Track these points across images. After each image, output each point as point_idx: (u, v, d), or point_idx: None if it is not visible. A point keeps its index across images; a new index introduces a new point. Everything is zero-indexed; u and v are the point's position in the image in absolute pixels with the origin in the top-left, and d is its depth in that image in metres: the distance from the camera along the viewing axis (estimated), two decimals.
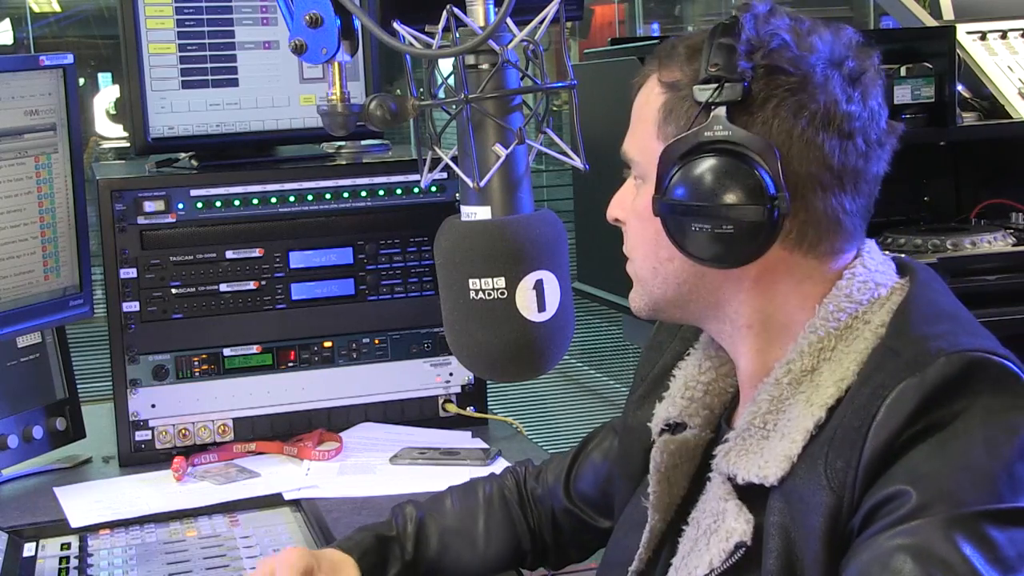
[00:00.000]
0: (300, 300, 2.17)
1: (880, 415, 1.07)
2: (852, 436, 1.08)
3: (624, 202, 1.29)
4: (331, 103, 1.19)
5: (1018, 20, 2.61)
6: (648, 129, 1.23)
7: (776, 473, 1.13)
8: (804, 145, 1.17)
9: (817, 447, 1.12)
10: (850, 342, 1.17)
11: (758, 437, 1.18)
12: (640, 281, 1.27)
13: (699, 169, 1.16)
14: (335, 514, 1.83)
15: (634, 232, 1.27)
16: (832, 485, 1.08)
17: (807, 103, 1.17)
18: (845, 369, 1.14)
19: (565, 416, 4.99)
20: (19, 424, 2.06)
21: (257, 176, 2.16)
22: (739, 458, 1.18)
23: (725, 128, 1.16)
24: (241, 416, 2.16)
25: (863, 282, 1.20)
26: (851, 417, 1.10)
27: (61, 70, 2.01)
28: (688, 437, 1.30)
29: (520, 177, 1.16)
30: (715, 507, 1.19)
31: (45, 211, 2.01)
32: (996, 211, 2.50)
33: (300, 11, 1.17)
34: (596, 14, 6.45)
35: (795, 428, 1.14)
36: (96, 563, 1.71)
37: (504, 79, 1.14)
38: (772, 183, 1.15)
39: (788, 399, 1.17)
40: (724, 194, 1.15)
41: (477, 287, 1.13)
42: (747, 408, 1.21)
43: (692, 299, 1.24)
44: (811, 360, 1.17)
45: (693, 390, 1.32)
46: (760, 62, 1.17)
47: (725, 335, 1.26)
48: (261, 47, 2.20)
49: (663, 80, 1.22)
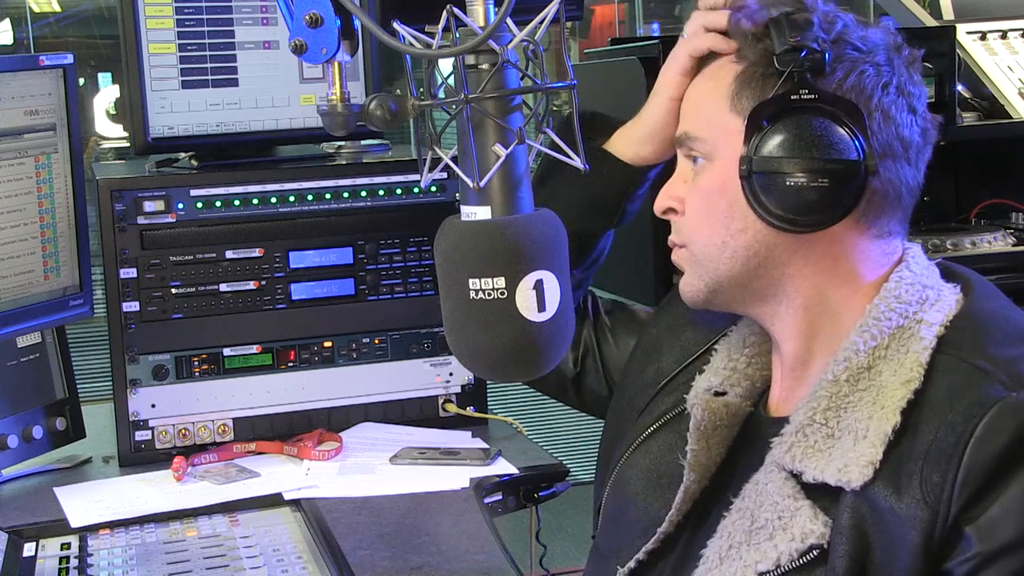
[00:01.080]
0: (300, 300, 2.17)
1: (979, 431, 1.09)
2: (948, 451, 1.10)
3: (677, 190, 1.32)
4: (331, 103, 1.19)
5: (1018, 20, 2.61)
6: (717, 104, 1.27)
7: (859, 478, 1.14)
8: (882, 114, 1.22)
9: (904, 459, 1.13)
10: (904, 340, 1.20)
11: (823, 435, 1.19)
12: (702, 262, 1.29)
13: (792, 126, 1.19)
14: (335, 514, 1.83)
15: (697, 212, 1.29)
16: (928, 500, 1.10)
17: (882, 74, 1.23)
18: (909, 371, 1.17)
19: (565, 416, 4.99)
20: (19, 424, 2.06)
21: (257, 176, 2.16)
22: (805, 456, 1.19)
23: (812, 91, 1.20)
24: (241, 416, 2.16)
25: (911, 284, 1.23)
26: (944, 432, 1.11)
27: (61, 70, 2.01)
28: (731, 401, 1.32)
29: (520, 177, 1.16)
30: (779, 503, 1.19)
31: (45, 211, 2.01)
32: (996, 211, 2.50)
33: (300, 11, 1.17)
34: (596, 14, 6.45)
35: (871, 431, 1.15)
36: (96, 563, 1.71)
37: (504, 79, 1.14)
38: (863, 140, 1.19)
39: (848, 396, 1.19)
40: (819, 149, 1.19)
41: (477, 287, 1.13)
42: (804, 403, 1.22)
43: (757, 275, 1.26)
44: (867, 358, 1.20)
45: (736, 361, 1.36)
46: (836, 36, 1.23)
47: (777, 317, 1.29)
48: (261, 47, 2.20)
49: (736, 56, 1.27)
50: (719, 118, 1.27)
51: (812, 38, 1.22)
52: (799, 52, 1.20)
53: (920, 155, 1.27)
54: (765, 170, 1.20)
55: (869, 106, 1.22)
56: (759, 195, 1.21)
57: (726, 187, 1.25)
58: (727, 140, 1.25)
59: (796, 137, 1.19)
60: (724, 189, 1.25)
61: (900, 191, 1.24)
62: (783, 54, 1.21)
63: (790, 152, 1.19)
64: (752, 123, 1.22)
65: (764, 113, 1.21)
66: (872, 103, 1.22)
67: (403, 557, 1.68)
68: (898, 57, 1.26)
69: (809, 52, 1.20)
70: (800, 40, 1.21)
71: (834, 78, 1.22)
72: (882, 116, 1.23)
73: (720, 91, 1.27)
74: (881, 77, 1.23)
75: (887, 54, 1.25)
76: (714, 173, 1.27)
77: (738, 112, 1.25)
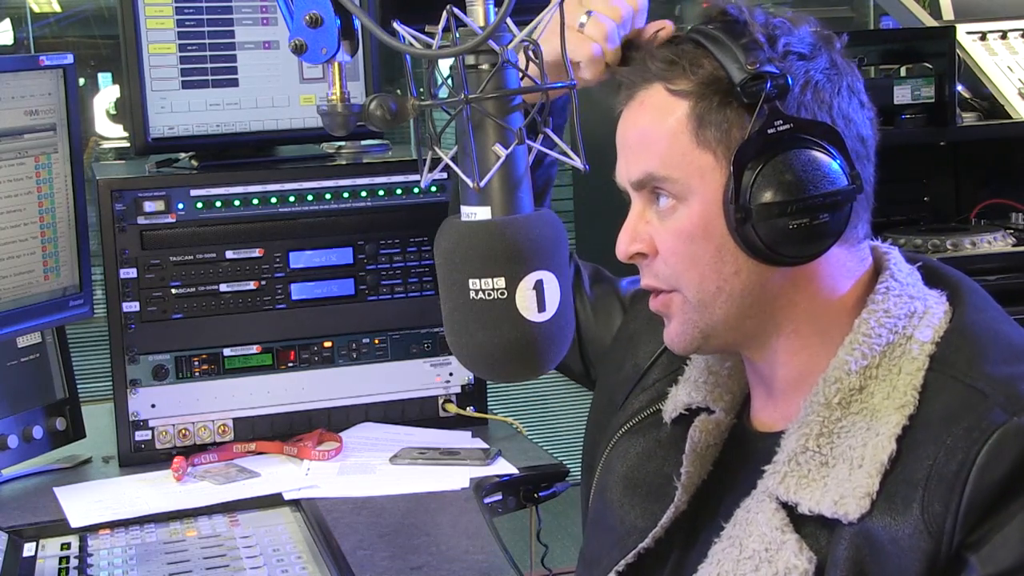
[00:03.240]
0: (300, 300, 2.17)
1: (981, 459, 1.08)
2: (950, 479, 1.08)
3: (642, 231, 1.25)
4: (331, 103, 1.19)
5: (1018, 20, 2.62)
6: (679, 142, 1.20)
7: (857, 511, 1.12)
8: (844, 120, 1.20)
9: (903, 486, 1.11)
10: (895, 359, 1.17)
11: (816, 463, 1.16)
12: (697, 308, 1.23)
13: (782, 166, 1.15)
14: (335, 514, 1.83)
15: (679, 257, 1.22)
16: (930, 529, 1.08)
17: (834, 79, 1.20)
18: (903, 395, 1.14)
19: (565, 416, 4.99)
20: (19, 424, 2.06)
21: (257, 176, 2.16)
22: (800, 487, 1.16)
23: (785, 121, 1.16)
24: (241, 416, 2.16)
25: (898, 296, 1.21)
26: (944, 459, 1.09)
27: (61, 70, 2.01)
28: (720, 419, 1.30)
29: (520, 177, 1.16)
30: (766, 535, 1.17)
31: (45, 211, 2.01)
32: (996, 211, 2.50)
33: (300, 11, 1.17)
34: None
35: (867, 460, 1.13)
36: (96, 563, 1.71)
37: (504, 79, 1.14)
38: (847, 161, 1.17)
39: (841, 421, 1.17)
40: (814, 185, 1.15)
41: (477, 287, 1.13)
42: (795, 429, 1.20)
43: (751, 314, 1.22)
44: (858, 379, 1.17)
45: (717, 374, 1.33)
46: (782, 50, 1.19)
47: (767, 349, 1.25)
48: (261, 47, 2.20)
49: (675, 90, 1.20)
50: (687, 156, 1.20)
51: (765, 59, 1.16)
52: (762, 81, 1.15)
53: (873, 147, 1.24)
54: (764, 216, 1.15)
55: (832, 116, 1.19)
56: (758, 240, 1.17)
57: (710, 229, 1.20)
58: (702, 179, 1.19)
59: (790, 178, 1.15)
60: (708, 232, 1.20)
61: (868, 192, 1.22)
62: (746, 85, 1.16)
63: (787, 195, 1.14)
64: (737, 166, 1.16)
65: (747, 154, 1.16)
66: (834, 112, 1.19)
67: (403, 557, 1.68)
68: (833, 52, 1.22)
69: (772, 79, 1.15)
70: (757, 68, 1.15)
71: (793, 96, 1.17)
72: (844, 123, 1.20)
73: (677, 127, 1.20)
74: (832, 82, 1.20)
75: (826, 53, 1.21)
76: (691, 215, 1.20)
77: (706, 147, 1.19)
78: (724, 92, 1.18)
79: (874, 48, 2.59)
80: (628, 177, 1.26)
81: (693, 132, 1.19)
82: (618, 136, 1.28)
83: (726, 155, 1.18)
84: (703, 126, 1.19)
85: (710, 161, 1.19)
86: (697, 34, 1.21)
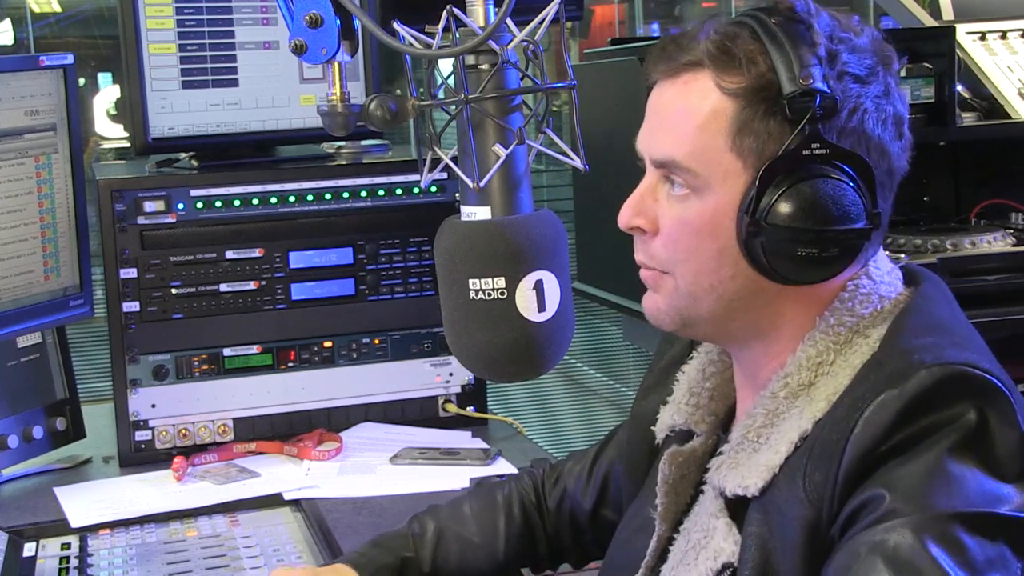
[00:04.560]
0: (300, 300, 2.17)
1: (858, 428, 1.06)
2: (830, 449, 1.07)
3: (648, 207, 1.22)
4: (331, 103, 1.19)
5: (1018, 20, 2.61)
6: (714, 139, 1.16)
7: (757, 484, 1.12)
8: (879, 153, 1.17)
9: (797, 458, 1.11)
10: (848, 356, 1.16)
11: (750, 451, 1.17)
12: (684, 297, 1.21)
13: (808, 191, 1.12)
14: (335, 514, 1.83)
15: (680, 246, 1.20)
16: (811, 498, 1.08)
17: (883, 108, 1.17)
18: (839, 383, 1.13)
19: (565, 416, 4.99)
20: (19, 424, 2.06)
21: (257, 176, 2.16)
22: (729, 471, 1.17)
23: (823, 146, 1.13)
24: (241, 416, 2.16)
25: (866, 294, 1.19)
26: (830, 429, 1.09)
27: (61, 70, 2.01)
28: (696, 447, 1.29)
29: (520, 177, 1.16)
30: (706, 523, 1.18)
31: (45, 211, 2.01)
32: (996, 211, 2.49)
33: (300, 11, 1.17)
34: (596, 14, 6.45)
35: (782, 440, 1.13)
36: (96, 563, 1.71)
37: (504, 79, 1.14)
38: (870, 199, 1.15)
39: (783, 413, 1.16)
40: (834, 219, 1.13)
41: (477, 287, 1.13)
42: (743, 421, 1.20)
43: (738, 316, 1.20)
44: (808, 374, 1.16)
45: (699, 396, 1.31)
46: (839, 69, 1.15)
47: (749, 349, 1.24)
48: (261, 47, 2.20)
49: (725, 86, 1.16)
50: (717, 155, 1.16)
51: (820, 76, 1.13)
52: (811, 98, 1.12)
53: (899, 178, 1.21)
54: (775, 236, 1.13)
55: (869, 147, 1.16)
56: (763, 255, 1.15)
57: (718, 230, 1.17)
58: (724, 181, 1.16)
59: (811, 205, 1.12)
60: (715, 232, 1.17)
61: (884, 225, 1.20)
62: (794, 99, 1.12)
63: (804, 221, 1.12)
64: (764, 180, 1.14)
65: (776, 171, 1.13)
66: (871, 143, 1.16)
67: None
68: (890, 74, 1.19)
69: (822, 99, 1.12)
70: (811, 83, 1.12)
71: (839, 120, 1.14)
72: (879, 156, 1.17)
73: (717, 127, 1.16)
74: (879, 111, 1.17)
75: (882, 76, 1.18)
76: (703, 210, 1.17)
77: (738, 154, 1.15)
78: (771, 100, 1.14)
79: None
80: (650, 152, 1.22)
81: (731, 135, 1.16)
82: (651, 105, 1.24)
83: (755, 165, 1.15)
84: (743, 132, 1.15)
85: (737, 166, 1.16)
86: (758, 25, 1.16)
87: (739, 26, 1.17)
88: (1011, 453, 1.05)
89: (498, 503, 1.57)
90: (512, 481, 1.62)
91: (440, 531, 1.53)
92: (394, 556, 1.49)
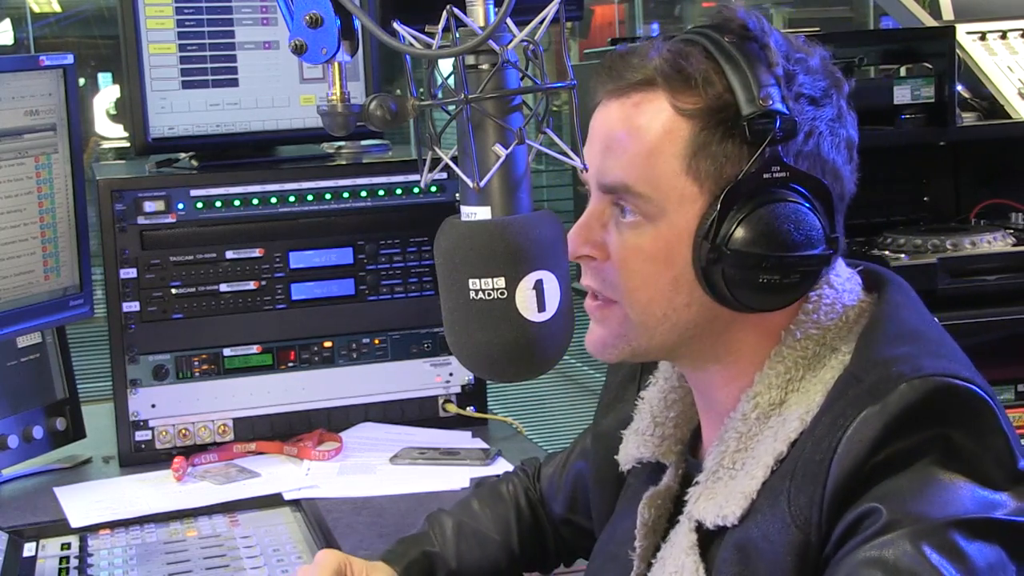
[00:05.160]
0: (300, 300, 2.17)
1: (841, 447, 1.03)
2: (814, 470, 1.05)
3: (596, 235, 1.19)
4: (331, 103, 1.19)
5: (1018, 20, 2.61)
6: (669, 163, 1.13)
7: (735, 512, 1.10)
8: (834, 177, 1.15)
9: (777, 480, 1.08)
10: (817, 371, 1.13)
11: (726, 479, 1.14)
12: (635, 327, 1.17)
13: (768, 217, 1.10)
14: (335, 514, 1.83)
15: (632, 275, 1.16)
16: (797, 522, 1.05)
17: (836, 131, 1.15)
18: (811, 400, 1.11)
19: (565, 416, 4.99)
20: (19, 424, 2.07)
21: (257, 176, 2.16)
22: (707, 502, 1.14)
23: (783, 169, 1.11)
24: (241, 416, 2.16)
25: (830, 305, 1.16)
26: (811, 449, 1.06)
27: (61, 70, 2.01)
28: (670, 483, 1.27)
29: (520, 177, 1.16)
30: (678, 557, 1.16)
31: (45, 211, 2.01)
32: (996, 211, 2.49)
33: (300, 11, 1.17)
34: (596, 14, 6.45)
35: (757, 465, 1.11)
36: (96, 563, 1.71)
37: (504, 79, 1.14)
38: (829, 223, 1.13)
39: (756, 435, 1.13)
40: (797, 243, 1.10)
41: (477, 287, 1.13)
42: (715, 447, 1.17)
43: (692, 343, 1.17)
44: (779, 393, 1.14)
45: (663, 427, 1.28)
46: (796, 90, 1.13)
47: (705, 371, 1.21)
48: (261, 47, 2.20)
49: (681, 107, 1.13)
50: (670, 180, 1.13)
51: (779, 97, 1.10)
52: (771, 119, 1.08)
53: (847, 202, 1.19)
54: (736, 263, 1.10)
55: (824, 170, 1.13)
56: (722, 282, 1.11)
57: (673, 258, 1.13)
58: (679, 207, 1.13)
59: (774, 231, 1.09)
60: (670, 260, 1.13)
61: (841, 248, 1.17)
62: (754, 120, 1.09)
63: (766, 248, 1.09)
64: (724, 205, 1.10)
65: (737, 195, 1.10)
66: (827, 167, 1.14)
67: None
68: (841, 96, 1.16)
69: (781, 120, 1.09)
70: (770, 105, 1.08)
71: (795, 143, 1.11)
72: (833, 179, 1.15)
73: (671, 150, 1.12)
74: (834, 135, 1.14)
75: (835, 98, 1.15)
76: (657, 237, 1.14)
77: (694, 178, 1.12)
78: (729, 122, 1.11)
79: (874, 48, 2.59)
80: (598, 177, 1.18)
81: (687, 158, 1.12)
82: (597, 128, 1.19)
83: (712, 189, 1.12)
84: (699, 155, 1.12)
85: (693, 191, 1.12)
86: (710, 44, 1.13)
87: (690, 44, 1.14)
88: (999, 460, 1.04)
89: (506, 499, 1.59)
90: (512, 477, 1.64)
91: (458, 526, 1.54)
92: (420, 551, 1.49)
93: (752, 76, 1.10)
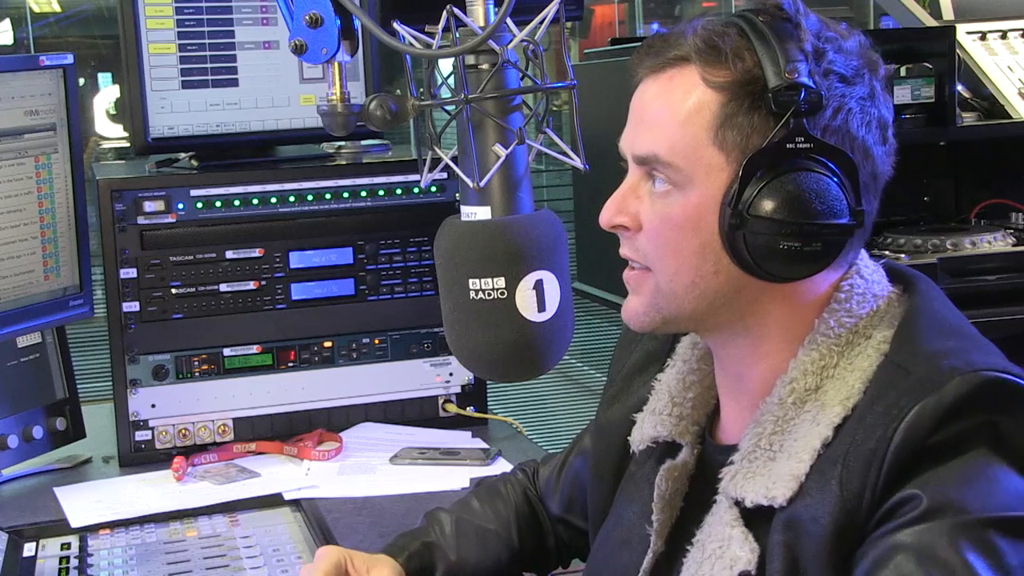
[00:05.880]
0: (300, 300, 2.17)
1: (898, 436, 1.06)
2: (868, 458, 1.07)
3: (631, 205, 1.22)
4: (331, 103, 1.19)
5: (1018, 20, 2.61)
6: (697, 134, 1.16)
7: (784, 494, 1.12)
8: (863, 154, 1.17)
9: (827, 465, 1.11)
10: (852, 359, 1.16)
11: (764, 459, 1.16)
12: (666, 295, 1.20)
13: (791, 184, 1.13)
14: (335, 514, 1.83)
15: (662, 241, 1.19)
16: (848, 506, 1.08)
17: (867, 110, 1.17)
18: (851, 387, 1.14)
19: (565, 416, 4.99)
20: (19, 424, 2.06)
21: (257, 176, 2.16)
22: (746, 481, 1.16)
23: (807, 140, 1.13)
24: (241, 416, 2.16)
25: (861, 294, 1.19)
26: (864, 437, 1.09)
27: (61, 70, 2.01)
28: (688, 459, 1.28)
29: (520, 177, 1.16)
30: (721, 532, 1.17)
31: (45, 211, 2.01)
32: (996, 211, 2.49)
33: (300, 11, 1.17)
34: (596, 14, 6.45)
35: (802, 448, 1.13)
36: (96, 563, 1.71)
37: (504, 79, 1.14)
38: (854, 196, 1.15)
39: (793, 419, 1.16)
40: (817, 213, 1.13)
41: (477, 287, 1.13)
42: (751, 429, 1.19)
43: (719, 313, 1.20)
44: (814, 379, 1.16)
45: (681, 407, 1.30)
46: (825, 67, 1.15)
47: (734, 345, 1.23)
48: (261, 47, 2.20)
49: (711, 80, 1.16)
50: (699, 149, 1.16)
51: (806, 72, 1.13)
52: (796, 92, 1.12)
53: (883, 183, 1.22)
54: (758, 229, 1.13)
55: (853, 146, 1.16)
56: (745, 249, 1.14)
57: (700, 225, 1.17)
58: (707, 176, 1.16)
59: (794, 198, 1.12)
60: (698, 227, 1.17)
61: (868, 225, 1.20)
62: (779, 92, 1.13)
63: (787, 214, 1.12)
64: (747, 172, 1.14)
65: (759, 163, 1.13)
66: (855, 143, 1.17)
67: None
68: (876, 78, 1.19)
69: (807, 93, 1.12)
70: (796, 78, 1.12)
71: (823, 117, 1.14)
72: (863, 157, 1.17)
73: (700, 120, 1.16)
74: (864, 113, 1.17)
75: (868, 79, 1.18)
76: (686, 205, 1.17)
77: (721, 147, 1.15)
78: (756, 95, 1.14)
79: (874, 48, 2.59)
80: (632, 150, 1.22)
81: (715, 129, 1.16)
82: (634, 104, 1.23)
83: (738, 158, 1.15)
84: (727, 126, 1.15)
85: (720, 160, 1.16)
86: (744, 23, 1.17)
87: (727, 25, 1.18)
88: None
89: (505, 497, 1.60)
90: (511, 477, 1.65)
91: (457, 522, 1.55)
92: (420, 543, 1.51)
93: (781, 51, 1.14)
